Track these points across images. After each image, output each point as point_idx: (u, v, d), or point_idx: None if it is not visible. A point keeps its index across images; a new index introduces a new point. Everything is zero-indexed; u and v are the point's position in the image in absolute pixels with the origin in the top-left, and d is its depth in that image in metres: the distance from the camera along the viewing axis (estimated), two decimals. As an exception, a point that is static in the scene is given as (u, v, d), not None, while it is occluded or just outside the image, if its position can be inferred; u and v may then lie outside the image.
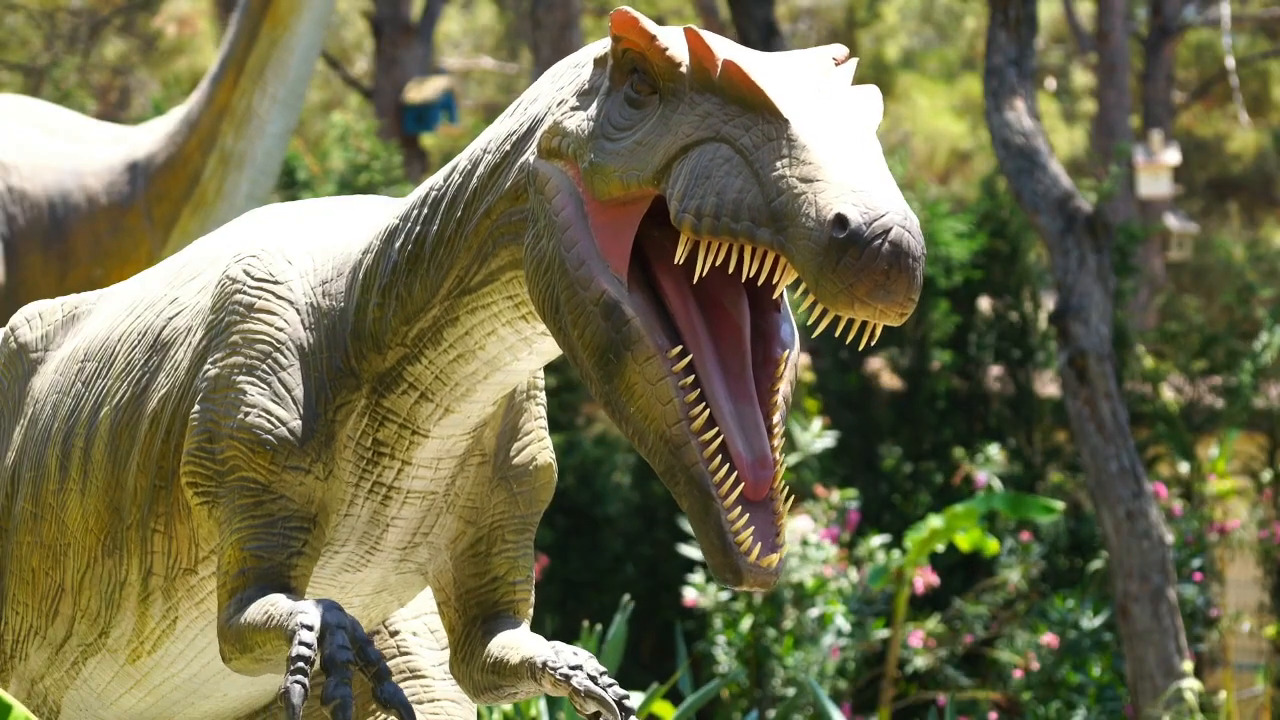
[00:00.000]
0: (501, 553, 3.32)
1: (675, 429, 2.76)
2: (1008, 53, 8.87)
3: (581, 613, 10.89)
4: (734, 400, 2.81)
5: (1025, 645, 9.87)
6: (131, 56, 24.99)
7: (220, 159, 7.83)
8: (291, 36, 7.75)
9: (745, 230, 2.66)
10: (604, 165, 2.82)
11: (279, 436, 3.13)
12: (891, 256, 2.57)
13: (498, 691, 3.29)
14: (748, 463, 2.78)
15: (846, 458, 11.71)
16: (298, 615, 2.94)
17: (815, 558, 9.43)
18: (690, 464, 2.76)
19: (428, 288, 3.08)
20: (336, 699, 2.85)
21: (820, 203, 2.60)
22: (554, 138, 2.91)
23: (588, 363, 2.83)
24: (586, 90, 2.93)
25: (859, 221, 2.57)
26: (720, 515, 2.74)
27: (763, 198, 2.65)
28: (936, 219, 11.99)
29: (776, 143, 2.67)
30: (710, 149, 2.72)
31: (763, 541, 2.76)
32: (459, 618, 3.33)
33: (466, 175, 3.06)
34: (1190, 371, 11.96)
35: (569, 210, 2.86)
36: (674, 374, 2.77)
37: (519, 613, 3.35)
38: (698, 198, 2.70)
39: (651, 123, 2.81)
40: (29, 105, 8.29)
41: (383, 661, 2.91)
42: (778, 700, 9.26)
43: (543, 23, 14.24)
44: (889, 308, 2.60)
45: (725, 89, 2.74)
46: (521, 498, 3.32)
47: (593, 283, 2.81)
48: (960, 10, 28.76)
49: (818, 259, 2.58)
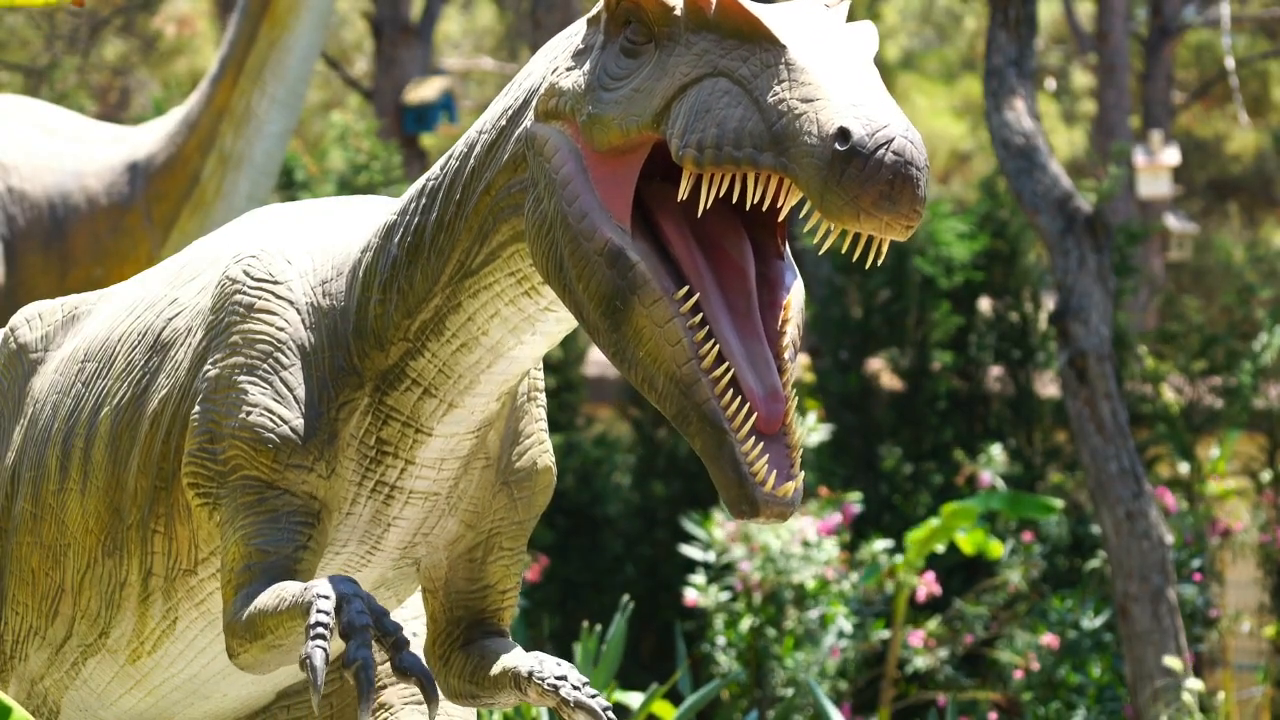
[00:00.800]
0: (497, 560, 3.33)
1: (685, 368, 2.75)
2: (1008, 53, 8.87)
3: (581, 613, 10.89)
4: (742, 337, 2.81)
5: (1025, 646, 9.87)
6: (131, 57, 24.99)
7: (219, 159, 7.83)
8: (290, 37, 7.75)
9: (748, 157, 2.66)
10: (602, 115, 2.83)
11: (281, 435, 3.13)
12: (896, 165, 2.57)
13: (474, 700, 3.30)
14: (759, 396, 2.76)
15: (847, 458, 11.71)
16: (313, 589, 2.92)
17: (817, 559, 9.44)
18: (702, 401, 2.74)
19: (429, 276, 3.08)
20: (359, 660, 2.82)
21: (821, 119, 2.60)
22: (551, 99, 2.92)
23: (594, 313, 2.83)
24: (580, 50, 2.93)
25: (861, 133, 2.57)
26: (734, 448, 2.73)
27: (764, 123, 2.65)
28: (938, 219, 12.00)
29: (775, 69, 2.68)
30: (709, 84, 2.73)
31: (778, 471, 2.74)
32: (442, 612, 3.34)
33: (463, 159, 3.07)
34: (1190, 372, 11.96)
35: (569, 166, 2.86)
36: (681, 315, 2.77)
37: (502, 620, 3.36)
38: (698, 131, 2.70)
39: (648, 69, 2.81)
40: (29, 106, 8.29)
41: (400, 631, 2.90)
42: (778, 701, 9.26)
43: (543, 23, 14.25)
44: (895, 219, 2.59)
45: (721, 24, 2.75)
46: (521, 502, 3.32)
47: (596, 233, 2.81)
48: (960, 11, 28.76)
49: (822, 174, 2.58)
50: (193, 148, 7.84)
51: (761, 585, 9.37)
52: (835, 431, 11.72)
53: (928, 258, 11.88)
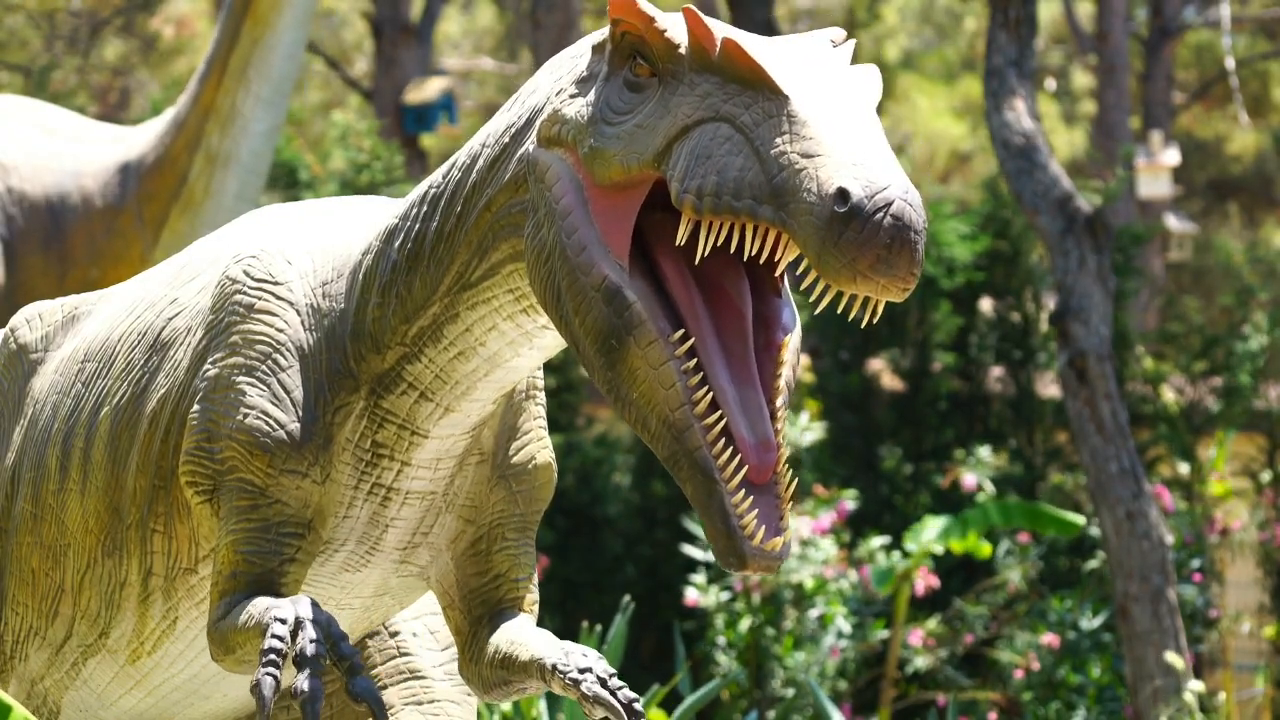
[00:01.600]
0: (503, 550, 3.32)
1: (678, 413, 2.75)
2: (1008, 53, 8.88)
3: (581, 613, 10.88)
4: (736, 384, 2.80)
5: (1025, 646, 9.87)
6: (131, 57, 24.99)
7: (206, 159, 7.80)
8: (274, 35, 7.72)
9: (747, 208, 2.65)
10: (604, 149, 2.82)
11: (276, 439, 3.13)
12: (894, 229, 2.56)
13: (507, 687, 3.28)
14: (751, 446, 2.76)
15: (847, 458, 11.70)
16: (272, 610, 2.95)
17: (815, 558, 9.43)
18: (694, 448, 2.75)
19: (428, 284, 3.07)
20: (305, 693, 2.85)
21: (821, 177, 2.59)
22: (553, 125, 2.91)
23: (590, 349, 2.82)
24: (585, 77, 2.92)
25: (860, 195, 2.56)
26: (724, 499, 2.73)
27: (764, 175, 2.64)
28: (940, 220, 11.99)
29: (777, 119, 2.66)
30: (710, 128, 2.72)
31: (766, 525, 2.74)
32: (464, 619, 3.33)
33: (465, 170, 3.06)
34: (1191, 372, 11.96)
35: (569, 197, 2.85)
36: (676, 358, 2.77)
37: (523, 608, 3.34)
38: (698, 177, 2.69)
39: (651, 105, 2.80)
40: (29, 106, 8.28)
41: (356, 656, 2.91)
42: (777, 701, 9.26)
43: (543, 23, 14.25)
44: (891, 282, 2.58)
45: (724, 68, 2.74)
46: (521, 496, 3.32)
47: (594, 268, 2.80)
48: (960, 11, 28.75)
49: (820, 234, 2.57)
50: (180, 147, 7.82)
51: (761, 585, 9.37)
52: (835, 432, 11.71)
53: (930, 258, 11.88)
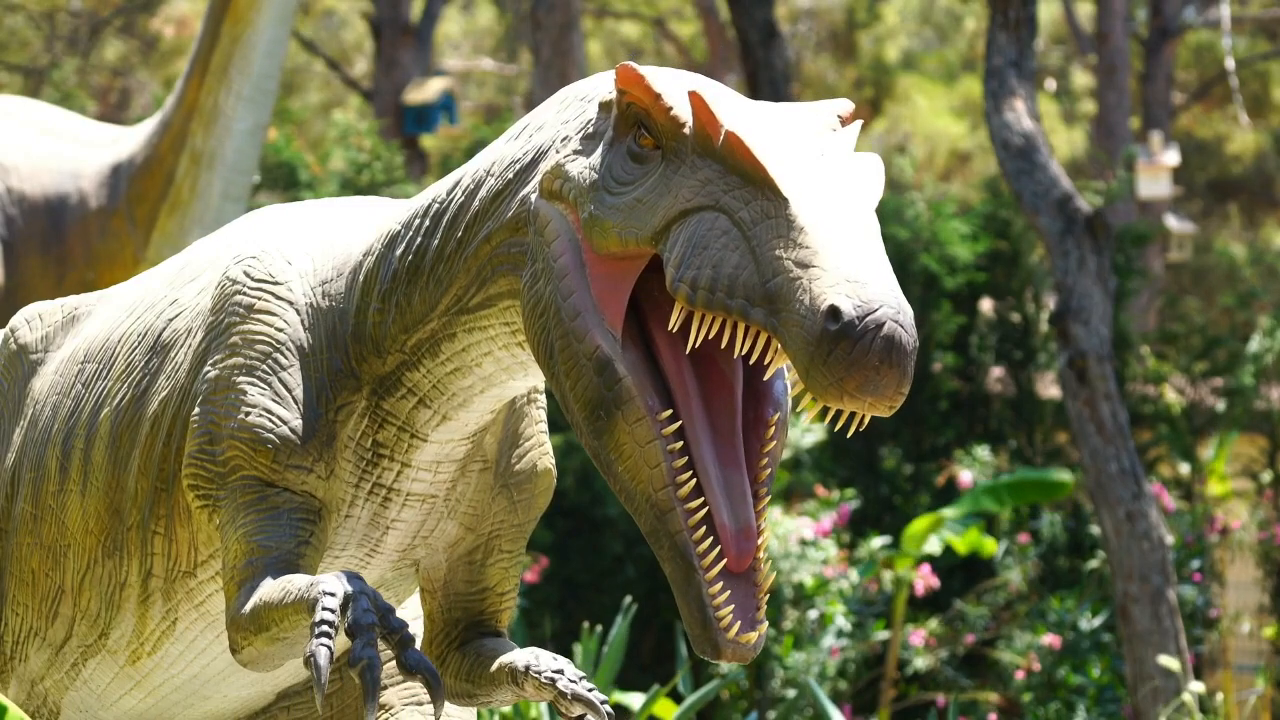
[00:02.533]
0: (496, 563, 3.33)
1: (661, 494, 2.77)
2: (1008, 54, 8.88)
3: (581, 614, 10.89)
4: (722, 466, 2.81)
5: (1026, 646, 9.87)
6: (131, 58, 24.99)
7: (191, 158, 7.79)
8: (253, 33, 7.70)
9: (739, 308, 2.65)
10: (603, 219, 2.82)
11: (280, 435, 3.13)
12: (883, 352, 2.56)
13: (470, 699, 3.31)
14: (731, 534, 2.77)
15: (847, 459, 11.71)
16: (319, 584, 2.92)
17: (815, 558, 9.44)
18: (674, 532, 2.76)
19: (426, 301, 3.08)
20: (364, 659, 2.83)
21: (815, 290, 2.59)
22: (556, 180, 2.91)
23: (579, 415, 2.84)
24: (591, 134, 2.92)
25: (852, 315, 2.56)
26: (702, 588, 2.75)
27: (758, 277, 2.64)
28: (942, 220, 11.99)
29: (775, 221, 2.66)
30: (709, 218, 2.71)
31: (742, 618, 2.76)
32: (440, 612, 3.35)
33: (469, 194, 3.06)
34: (1191, 373, 11.96)
35: (567, 257, 2.85)
36: (663, 437, 2.77)
37: (500, 622, 3.37)
38: (694, 268, 2.69)
39: (653, 180, 2.80)
40: (29, 106, 8.28)
41: (406, 629, 2.90)
42: (777, 701, 9.26)
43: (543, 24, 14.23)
44: (878, 401, 2.59)
45: (726, 159, 2.73)
46: (521, 505, 3.33)
47: (587, 336, 2.81)
48: (960, 11, 28.75)
49: (809, 349, 2.57)
50: (167, 148, 7.81)
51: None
52: (835, 432, 11.71)
53: (931, 257, 11.88)
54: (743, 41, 12.39)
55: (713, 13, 22.19)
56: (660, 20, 27.25)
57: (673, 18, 26.93)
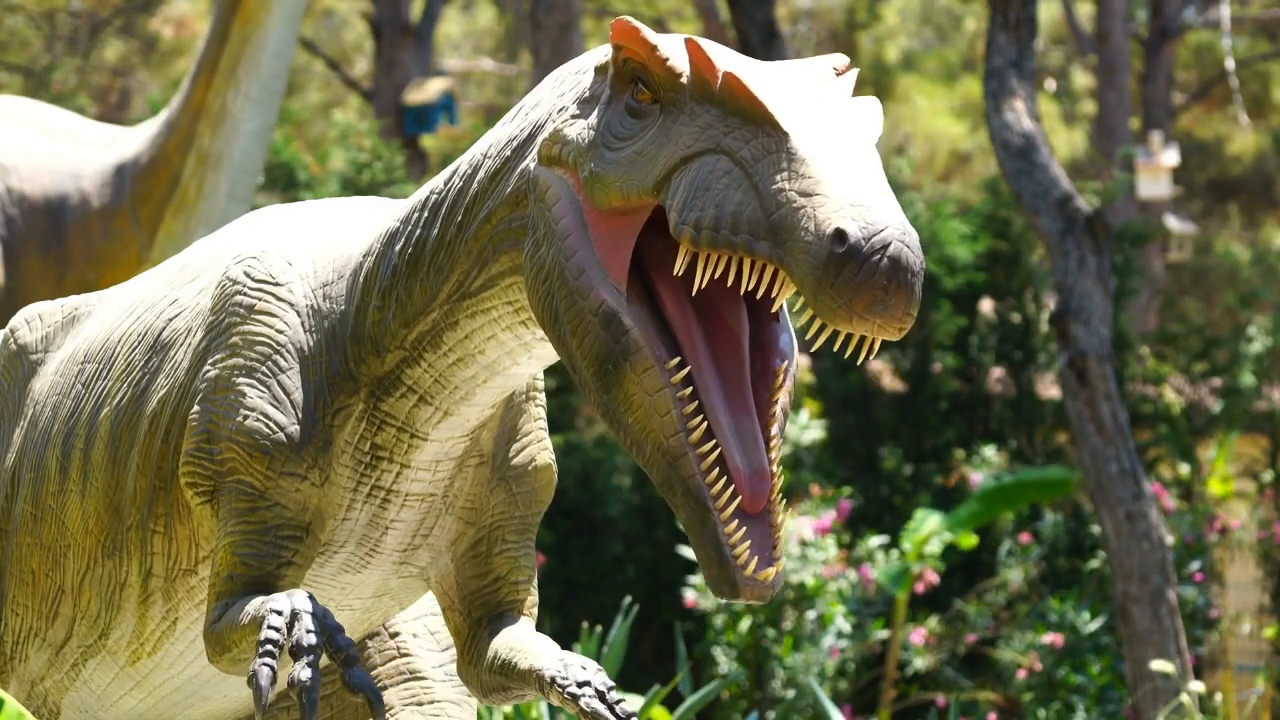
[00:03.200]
0: (503, 552, 3.32)
1: (673, 440, 2.76)
2: (1008, 54, 8.88)
3: (581, 614, 10.89)
4: (732, 412, 2.81)
5: (1026, 646, 9.87)
6: (131, 58, 24.99)
7: (198, 159, 7.79)
8: (263, 33, 7.69)
9: (744, 243, 2.65)
10: (604, 175, 2.82)
11: (276, 442, 3.13)
12: (890, 271, 2.56)
13: (505, 693, 3.29)
14: (745, 475, 2.77)
15: (847, 459, 11.71)
16: (268, 604, 2.96)
17: (815, 558, 9.43)
18: (687, 476, 2.75)
19: (427, 291, 3.08)
20: (303, 681, 2.85)
21: (819, 217, 2.59)
22: (554, 145, 2.91)
23: (586, 372, 2.83)
24: (587, 98, 2.92)
25: (858, 236, 2.57)
26: (717, 528, 2.74)
27: (762, 211, 2.64)
28: (941, 220, 11.99)
29: (776, 156, 2.67)
30: (710, 161, 2.72)
31: (759, 555, 2.75)
32: (464, 620, 3.33)
33: (467, 179, 3.06)
34: (1191, 373, 11.96)
35: (569, 219, 2.86)
36: (672, 385, 2.77)
37: (522, 611, 3.35)
38: (697, 210, 2.69)
39: (652, 133, 2.81)
40: (29, 107, 8.28)
41: (352, 648, 2.92)
42: (777, 701, 9.26)
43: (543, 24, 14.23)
44: (887, 322, 2.59)
45: (725, 101, 2.74)
46: (521, 498, 3.32)
47: (592, 292, 2.81)
48: (960, 12, 28.76)
49: (816, 273, 2.58)
50: (173, 149, 7.80)
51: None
52: (836, 432, 11.71)
53: (930, 258, 11.88)
54: (743, 42, 12.38)
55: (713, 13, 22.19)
56: (660, 20, 27.25)
57: (673, 18, 26.92)
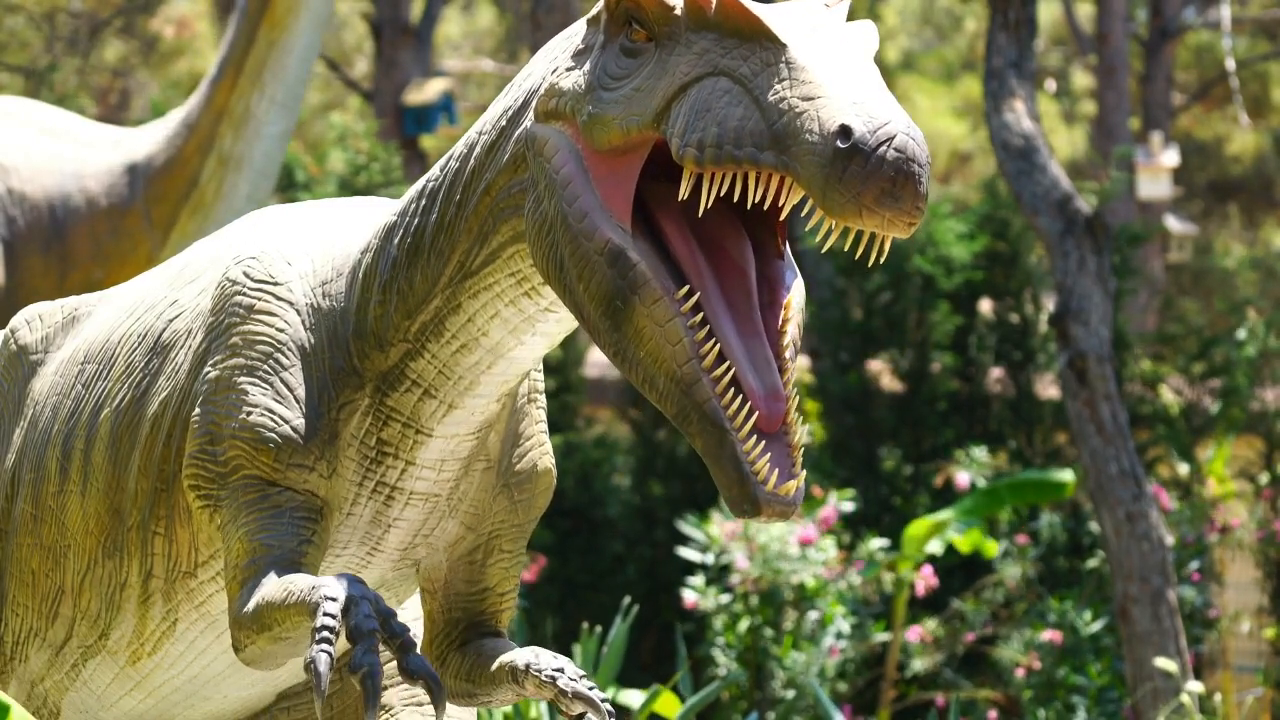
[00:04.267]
0: (497, 563, 3.33)
1: (686, 368, 2.76)
2: (1008, 54, 8.88)
3: (581, 614, 10.89)
4: (743, 337, 2.81)
5: (1026, 645, 9.87)
6: (131, 59, 24.98)
7: (219, 161, 7.81)
8: (289, 38, 7.72)
9: (748, 156, 2.66)
10: (603, 114, 2.83)
11: (282, 435, 3.13)
12: (897, 162, 2.57)
13: (471, 699, 3.31)
14: (760, 395, 2.77)
15: (847, 459, 11.71)
16: (321, 588, 2.92)
17: (815, 559, 9.44)
18: (703, 400, 2.75)
19: (429, 277, 3.08)
20: (365, 666, 2.82)
21: (823, 117, 2.60)
22: (551, 99, 2.93)
23: (595, 313, 2.83)
24: (580, 50, 2.94)
25: (863, 130, 2.58)
26: (736, 446, 2.73)
27: (764, 122, 2.65)
28: (938, 220, 12.00)
29: (775, 67, 2.68)
30: (709, 83, 2.73)
31: (780, 470, 2.75)
32: (440, 613, 3.35)
33: (463, 160, 3.07)
34: (1190, 374, 11.96)
35: (569, 167, 2.87)
36: (682, 314, 2.77)
37: (500, 622, 3.37)
38: (698, 130, 2.70)
39: (649, 68, 2.82)
40: (29, 107, 8.28)
41: (408, 634, 2.89)
42: (777, 702, 9.26)
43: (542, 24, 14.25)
44: (897, 215, 2.59)
45: (722, 23, 2.75)
46: (521, 505, 3.33)
47: (596, 232, 2.82)
48: (960, 12, 28.76)
49: (824, 171, 2.58)
50: (192, 149, 7.82)
51: (758, 583, 9.37)
52: (835, 433, 11.72)
53: (927, 258, 11.88)
54: (743, 42, 12.37)
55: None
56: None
57: (673, 18, 26.90)
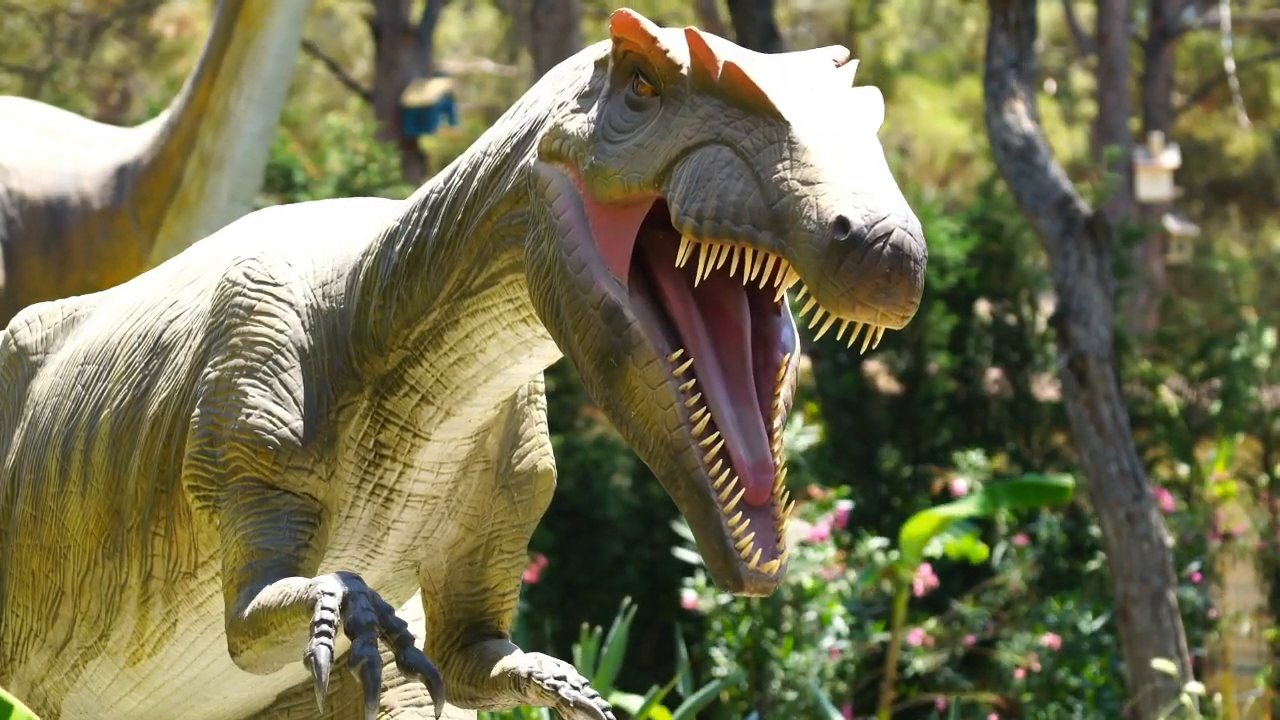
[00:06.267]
0: (497, 564, 3.33)
1: (676, 433, 2.76)
2: (1008, 55, 8.88)
3: (581, 615, 10.89)
4: (735, 404, 2.80)
5: (1025, 646, 9.87)
6: (131, 59, 24.98)
7: (200, 160, 7.78)
8: (265, 35, 7.68)
9: (746, 233, 2.65)
10: (604, 167, 2.82)
11: (281, 437, 3.12)
12: (893, 259, 2.56)
13: (472, 702, 3.31)
14: (749, 467, 2.77)
15: (845, 460, 11.71)
16: (318, 585, 2.92)
17: (814, 559, 9.43)
18: (691, 469, 2.75)
19: (428, 290, 3.08)
20: (365, 658, 2.82)
21: (822, 205, 2.59)
22: (554, 140, 2.91)
23: (588, 366, 2.83)
24: (587, 92, 2.92)
25: (860, 224, 2.57)
26: (721, 520, 2.74)
27: (764, 200, 2.64)
28: (930, 220, 12.00)
29: (778, 145, 2.66)
30: (711, 151, 2.72)
31: (763, 547, 2.75)
32: (441, 614, 3.35)
33: (467, 178, 3.06)
34: (1189, 374, 11.96)
35: (570, 213, 2.85)
36: (675, 378, 2.77)
37: (501, 623, 3.37)
38: (699, 200, 2.69)
39: (652, 125, 2.80)
40: (29, 108, 8.28)
41: (405, 628, 2.90)
42: (777, 703, 9.26)
43: (543, 25, 14.24)
44: (891, 310, 2.59)
45: (726, 91, 2.74)
46: (521, 505, 3.32)
47: (594, 286, 2.80)
48: (960, 13, 28.76)
49: (819, 262, 2.57)
50: (174, 150, 7.80)
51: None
52: (833, 434, 11.72)
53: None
54: (743, 43, 12.38)
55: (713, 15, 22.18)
56: (660, 22, 27.27)
57: (673, 20, 26.91)
